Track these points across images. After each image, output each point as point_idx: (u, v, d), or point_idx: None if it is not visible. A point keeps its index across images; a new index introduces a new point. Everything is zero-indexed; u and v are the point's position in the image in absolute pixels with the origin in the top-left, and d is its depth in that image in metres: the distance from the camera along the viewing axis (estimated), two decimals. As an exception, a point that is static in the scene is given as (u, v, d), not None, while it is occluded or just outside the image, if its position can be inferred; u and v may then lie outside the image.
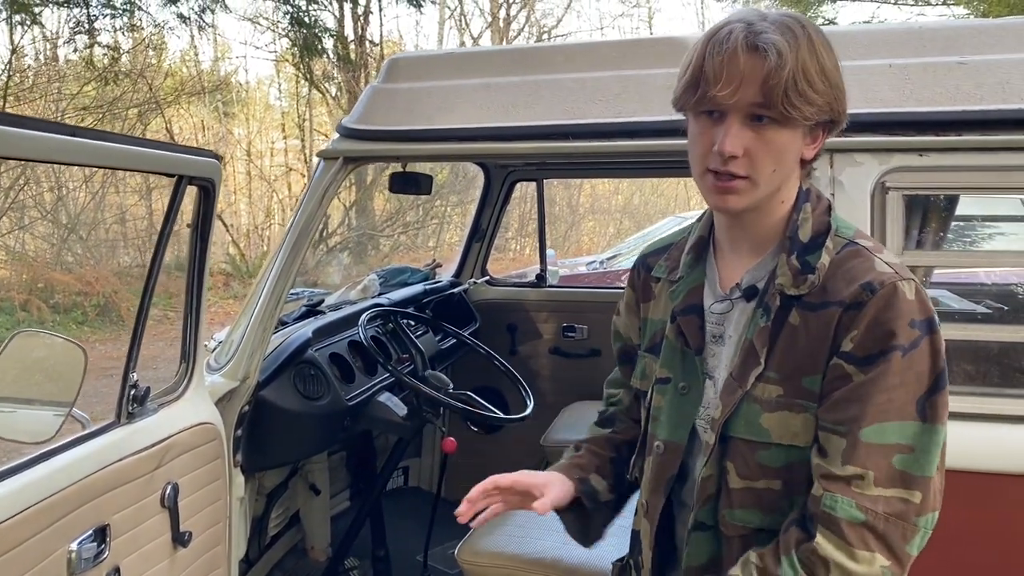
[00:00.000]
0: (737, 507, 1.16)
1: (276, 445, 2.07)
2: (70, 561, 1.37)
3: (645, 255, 1.41)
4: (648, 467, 1.28)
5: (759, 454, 1.15)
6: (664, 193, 17.78)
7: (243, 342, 1.95)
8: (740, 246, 1.23)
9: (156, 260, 1.50)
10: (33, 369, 1.52)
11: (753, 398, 1.15)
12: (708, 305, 1.25)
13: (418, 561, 2.80)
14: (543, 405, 3.25)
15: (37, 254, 10.21)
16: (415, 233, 13.55)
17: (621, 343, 1.45)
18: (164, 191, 5.13)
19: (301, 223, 1.95)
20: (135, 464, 1.53)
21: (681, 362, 1.25)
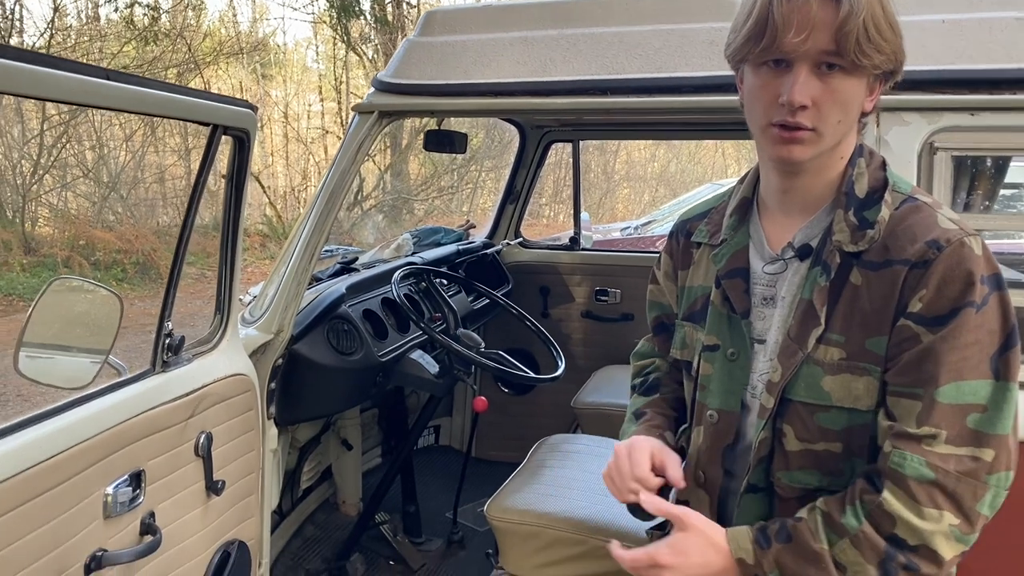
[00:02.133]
0: (795, 468, 1.15)
1: (309, 398, 2.09)
2: (106, 504, 1.39)
3: (684, 220, 1.38)
4: (700, 437, 1.26)
5: (818, 416, 1.13)
6: (701, 161, 17.55)
7: (277, 296, 1.96)
8: (791, 205, 1.20)
9: (191, 209, 1.50)
10: (70, 316, 1.54)
11: (814, 360, 1.12)
12: (756, 267, 1.22)
13: (447, 518, 2.82)
14: (574, 368, 3.25)
15: (79, 212, 10.38)
16: (449, 198, 13.54)
17: (658, 313, 1.43)
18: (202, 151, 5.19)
19: (336, 178, 1.95)
20: (169, 412, 1.55)
21: (728, 328, 1.23)
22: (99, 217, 10.34)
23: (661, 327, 1.44)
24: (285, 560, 2.53)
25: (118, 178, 10.70)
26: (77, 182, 10.53)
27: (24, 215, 9.57)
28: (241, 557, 1.82)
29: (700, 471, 1.27)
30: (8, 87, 0.98)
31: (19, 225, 9.40)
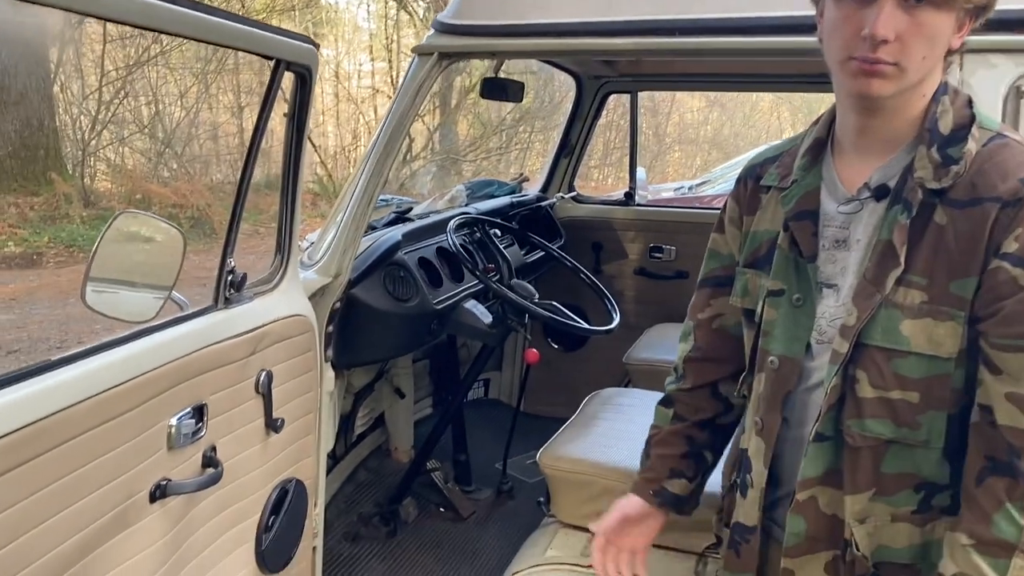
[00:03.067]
0: (868, 417, 1.11)
1: (365, 343, 2.10)
2: (170, 435, 1.41)
3: (754, 164, 1.33)
4: (761, 384, 1.23)
5: (895, 362, 1.09)
6: (755, 124, 17.18)
7: (336, 240, 1.96)
8: (869, 144, 1.14)
9: (255, 143, 1.50)
10: (135, 251, 1.56)
11: (893, 303, 1.08)
12: (828, 209, 1.17)
13: (497, 468, 2.84)
14: (626, 325, 3.21)
15: (135, 167, 10.57)
16: (497, 159, 13.48)
17: (716, 264, 1.39)
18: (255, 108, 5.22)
19: (394, 121, 1.93)
20: (231, 348, 1.56)
21: (795, 272, 1.19)
22: (155, 172, 10.53)
23: (715, 280, 1.38)
24: (338, 503, 2.57)
25: (172, 134, 10.86)
26: (133, 138, 10.73)
27: (84, 169, 9.78)
28: (298, 495, 1.85)
29: (758, 418, 1.24)
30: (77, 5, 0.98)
31: (79, 179, 9.61)
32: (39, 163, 9.40)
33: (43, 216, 8.90)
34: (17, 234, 8.43)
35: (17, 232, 8.47)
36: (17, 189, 9.10)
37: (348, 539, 2.46)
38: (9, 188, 9.06)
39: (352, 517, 2.53)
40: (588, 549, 1.93)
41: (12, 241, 8.30)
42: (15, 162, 9.22)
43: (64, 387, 1.19)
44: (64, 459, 1.19)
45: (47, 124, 9.55)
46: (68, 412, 1.19)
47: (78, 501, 1.22)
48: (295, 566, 1.89)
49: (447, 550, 2.52)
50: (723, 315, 1.37)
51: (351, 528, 2.49)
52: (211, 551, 1.61)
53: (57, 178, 9.23)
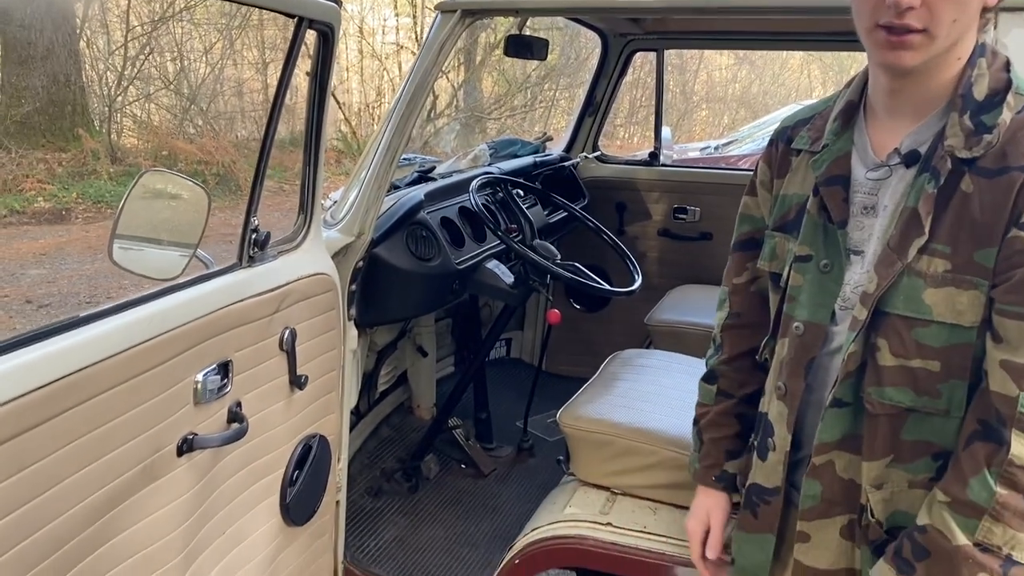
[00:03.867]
0: (887, 385, 1.10)
1: (388, 301, 2.12)
2: (196, 391, 1.44)
3: (786, 126, 1.31)
4: (784, 349, 1.23)
5: (916, 331, 1.07)
6: (785, 83, 16.85)
7: (358, 199, 1.97)
8: (901, 109, 1.12)
9: (277, 104, 1.50)
10: (160, 208, 1.57)
11: (915, 272, 1.07)
12: (858, 174, 1.16)
13: (518, 427, 2.87)
14: (648, 287, 3.21)
15: (162, 124, 10.61)
16: (522, 117, 13.37)
17: (749, 228, 1.37)
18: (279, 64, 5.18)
19: (417, 79, 1.92)
20: (255, 306, 1.58)
21: (823, 238, 1.17)
22: (180, 129, 10.57)
23: (749, 243, 1.37)
24: (361, 458, 2.61)
25: (197, 91, 10.86)
26: (159, 94, 10.75)
27: (110, 125, 9.83)
28: (322, 450, 1.88)
29: (781, 383, 1.24)
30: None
31: (106, 135, 9.67)
32: (66, 119, 9.47)
33: (71, 172, 8.99)
34: (46, 190, 8.53)
35: (46, 188, 8.57)
36: (45, 145, 9.19)
37: (371, 494, 2.51)
38: (37, 144, 9.15)
39: (375, 472, 2.58)
40: (607, 507, 1.96)
41: (41, 197, 8.41)
42: (43, 118, 9.30)
43: (92, 343, 1.22)
44: (93, 414, 1.22)
45: (74, 80, 9.60)
46: (96, 368, 1.21)
47: (107, 455, 1.25)
48: (318, 519, 1.93)
49: (467, 506, 2.56)
50: (759, 278, 1.36)
51: (374, 483, 2.54)
52: (237, 504, 1.64)
53: (84, 134, 9.30)
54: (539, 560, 1.91)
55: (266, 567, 1.78)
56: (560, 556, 1.90)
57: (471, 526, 2.46)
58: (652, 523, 1.84)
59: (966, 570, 1.02)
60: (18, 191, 8.39)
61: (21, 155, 8.80)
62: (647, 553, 1.78)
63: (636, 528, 1.84)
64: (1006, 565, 1.01)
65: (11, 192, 8.37)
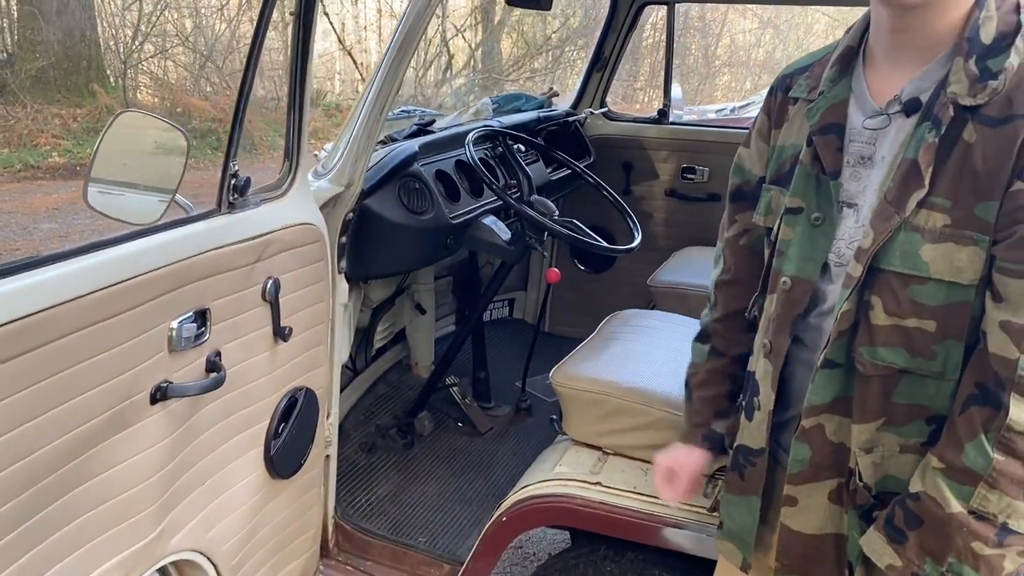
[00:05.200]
0: (880, 345, 1.06)
1: (378, 255, 2.08)
2: (171, 338, 1.41)
3: (784, 75, 1.26)
4: (771, 305, 1.20)
5: (912, 289, 1.03)
6: (809, 48, 16.52)
7: (348, 148, 1.92)
8: (902, 54, 1.06)
9: (255, 45, 1.45)
10: (137, 151, 1.54)
11: (913, 226, 1.02)
12: (856, 122, 1.11)
13: (516, 386, 2.84)
14: (654, 248, 3.16)
15: (178, 81, 10.57)
16: (542, 79, 13.20)
17: (739, 180, 1.34)
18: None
19: (409, 22, 1.85)
20: (235, 253, 1.55)
21: (815, 189, 1.12)
22: (196, 86, 10.52)
23: (738, 195, 1.34)
24: (356, 414, 2.60)
25: (213, 47, 10.79)
26: (176, 51, 10.69)
27: (125, 81, 9.80)
28: (309, 404, 1.86)
29: (767, 340, 1.19)
30: None
31: (121, 91, 9.64)
32: (81, 74, 9.44)
33: (86, 128, 8.99)
34: (61, 145, 8.54)
35: (61, 143, 8.57)
36: (61, 100, 9.18)
37: (365, 449, 2.49)
38: (53, 99, 9.14)
39: (370, 428, 2.56)
40: (597, 467, 1.93)
41: (56, 152, 8.42)
42: (58, 73, 9.28)
43: (58, 282, 1.19)
44: (60, 354, 1.19)
45: (88, 35, 9.56)
46: (63, 308, 1.18)
47: (74, 398, 1.23)
48: (305, 473, 1.92)
49: (462, 463, 2.54)
50: (748, 232, 1.32)
51: (368, 439, 2.52)
52: (218, 454, 1.63)
53: (99, 90, 9.28)
54: (527, 518, 1.89)
55: (250, 518, 1.76)
56: (548, 515, 1.87)
57: (464, 483, 2.44)
58: (642, 483, 1.81)
59: (960, 539, 0.99)
60: (33, 146, 8.40)
61: (36, 110, 8.79)
62: (636, 513, 1.75)
63: (626, 488, 1.81)
64: (1001, 534, 0.98)
65: (26, 147, 8.38)
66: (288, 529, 1.91)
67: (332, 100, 11.95)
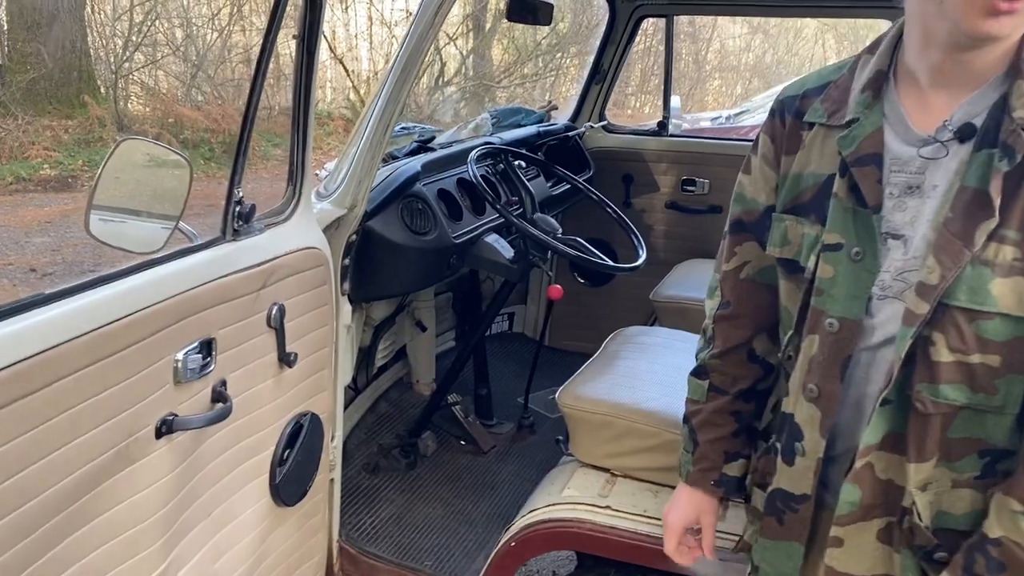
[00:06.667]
0: (943, 382, 1.00)
1: (382, 276, 2.06)
2: (176, 370, 1.39)
3: (792, 96, 1.18)
4: (814, 347, 1.11)
5: (979, 325, 0.98)
6: (799, 52, 16.58)
7: (351, 170, 1.90)
8: (952, 78, 1.01)
9: (260, 68, 1.43)
10: (140, 179, 1.51)
11: (982, 260, 0.97)
12: (896, 150, 1.05)
13: (519, 403, 2.82)
14: (655, 261, 3.13)
15: (169, 91, 10.52)
16: (532, 85, 13.20)
17: (742, 209, 1.25)
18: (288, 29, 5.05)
19: (412, 44, 1.84)
20: (240, 281, 1.52)
21: (854, 223, 1.06)
22: (187, 96, 10.48)
23: (739, 226, 1.26)
24: (359, 434, 2.57)
25: (204, 57, 10.75)
26: (167, 60, 10.64)
27: (116, 92, 9.75)
28: (314, 429, 1.83)
29: (813, 385, 1.12)
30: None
31: (112, 102, 9.59)
32: (72, 85, 9.39)
33: (77, 139, 8.94)
34: (52, 157, 8.48)
35: (52, 155, 8.52)
36: (51, 112, 9.12)
37: (368, 470, 2.47)
38: (44, 110, 9.08)
39: (372, 449, 2.53)
40: (606, 490, 1.91)
41: (47, 164, 8.36)
42: (48, 84, 9.22)
43: (63, 320, 1.16)
44: (63, 394, 1.16)
45: (79, 46, 9.51)
46: (67, 346, 1.16)
47: (79, 437, 1.20)
48: (311, 499, 1.89)
49: (466, 483, 2.51)
50: (749, 263, 1.26)
51: (371, 460, 2.49)
52: (223, 485, 1.60)
53: (90, 101, 9.23)
54: (536, 543, 1.86)
55: (256, 548, 1.73)
56: (557, 539, 1.85)
57: (469, 504, 2.42)
58: (652, 507, 1.79)
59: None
60: (24, 158, 8.35)
61: (27, 122, 8.73)
62: (647, 538, 1.73)
63: (636, 512, 1.79)
64: None
65: (17, 159, 8.32)
66: (294, 556, 1.89)
67: (323, 108, 11.91)
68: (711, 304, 1.32)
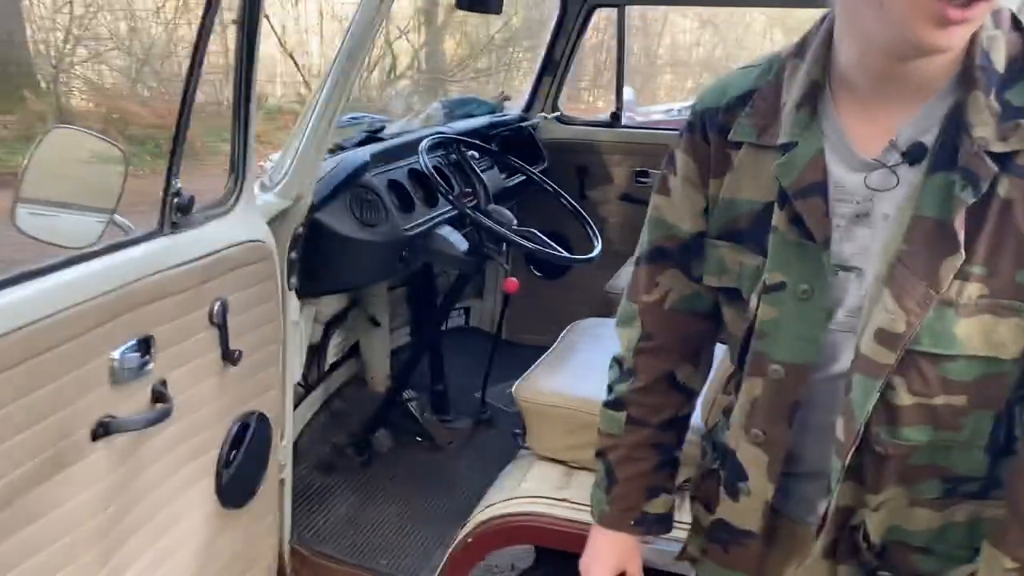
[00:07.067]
0: (904, 425, 0.92)
1: (331, 270, 2.00)
2: (112, 369, 1.32)
3: (712, 108, 1.02)
4: (757, 389, 1.00)
5: (943, 367, 0.89)
6: (747, 46, 16.77)
7: (296, 160, 1.84)
8: (898, 88, 0.89)
9: (197, 55, 1.37)
10: (71, 170, 1.44)
11: (945, 300, 0.86)
12: (840, 176, 0.92)
13: (475, 398, 2.78)
14: (610, 253, 3.11)
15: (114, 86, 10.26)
16: (486, 80, 13.15)
17: (661, 234, 1.09)
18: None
19: (357, 32, 1.79)
20: (180, 276, 1.46)
21: (798, 259, 0.93)
22: (133, 91, 10.22)
23: (659, 254, 1.10)
24: (311, 433, 2.51)
25: (149, 51, 10.50)
26: (111, 54, 10.37)
27: (57, 86, 9.47)
28: (261, 429, 1.78)
29: (758, 431, 1.01)
30: None
31: (53, 96, 9.31)
32: (10, 80, 9.09)
33: (17, 135, 8.66)
34: (-10, 154, 8.21)
35: (-10, 152, 8.25)
36: (-12, 107, 8.84)
37: (321, 470, 2.41)
38: (-21, 106, 8.80)
39: (325, 447, 2.48)
40: (564, 482, 1.89)
41: (-15, 161, 8.09)
42: (-16, 78, 8.94)
43: (-15, 319, 1.10)
44: (-12, 397, 1.10)
45: (16, 38, 9.21)
46: (-9, 346, 1.09)
47: (8, 440, 1.13)
48: (259, 500, 1.83)
49: (423, 480, 2.47)
50: (671, 291, 1.11)
51: (324, 458, 2.44)
52: (166, 488, 1.54)
53: (30, 95, 8.95)
54: (493, 538, 1.83)
55: (202, 553, 1.67)
56: (515, 534, 1.83)
57: (426, 502, 2.38)
58: (610, 499, 1.77)
59: None
60: (-40, 155, 8.07)
61: (-38, 118, 8.46)
62: (604, 530, 1.70)
63: (593, 504, 1.77)
64: None
65: (-48, 156, 8.04)
66: (243, 560, 1.83)
67: (274, 103, 11.72)
68: (628, 334, 1.16)
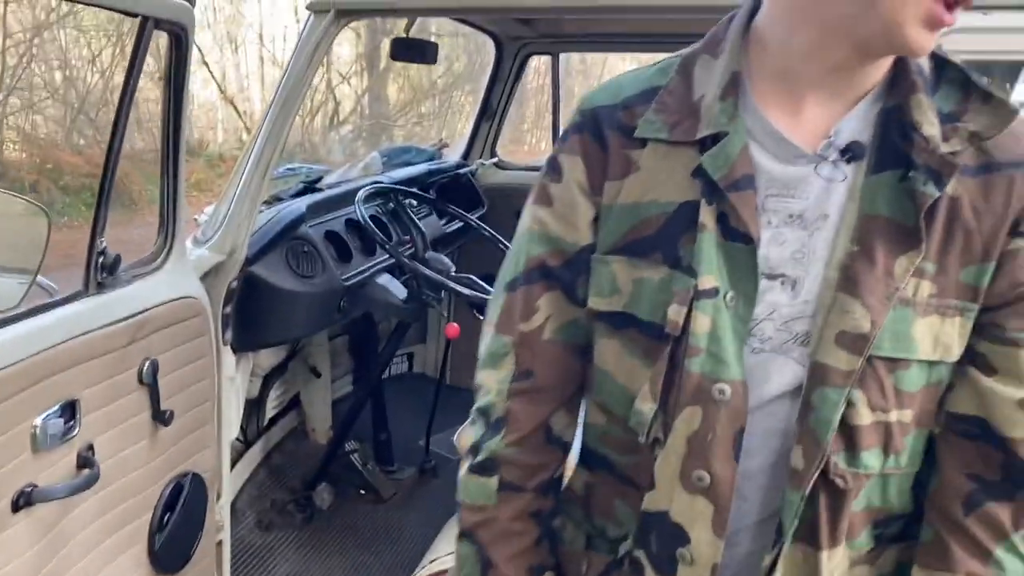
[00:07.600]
0: (864, 449, 0.82)
1: (268, 323, 1.97)
2: (35, 436, 1.28)
3: (611, 106, 0.91)
4: (696, 423, 0.84)
5: (898, 375, 0.82)
6: (688, 87, 17.23)
7: (230, 214, 1.82)
8: (844, 86, 0.85)
9: (121, 113, 1.35)
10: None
11: (903, 299, 0.81)
12: (770, 170, 0.85)
13: (420, 446, 2.75)
14: (552, 295, 3.14)
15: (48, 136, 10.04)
16: (430, 124, 13.22)
17: (547, 248, 0.93)
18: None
19: (289, 85, 1.79)
20: (106, 337, 1.43)
21: (726, 261, 0.84)
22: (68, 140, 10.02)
23: (542, 273, 0.93)
24: (250, 490, 2.45)
25: (85, 99, 10.33)
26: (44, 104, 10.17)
27: (-13, 138, 9.25)
28: (196, 490, 1.73)
29: (703, 472, 0.84)
30: None
31: (-17, 148, 9.09)
32: (-62, 131, 8.86)
33: (-55, 190, 8.41)
34: (-84, 208, 7.95)
35: (-84, 205, 7.98)
36: (-85, 159, 8.57)
37: (261, 528, 2.35)
38: (-94, 158, 8.52)
39: (265, 505, 2.42)
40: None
41: (-89, 215, 7.82)
42: (-90, 130, 8.67)
43: None
44: None
45: (-55, 89, 8.99)
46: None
47: (-83, 518, 1.09)
48: (196, 564, 1.78)
49: (367, 534, 2.42)
50: (551, 318, 0.94)
51: (263, 517, 2.38)
52: (96, 556, 1.48)
53: (-41, 147, 8.71)
54: (439, 593, 1.80)
55: (135, 622, 1.61)
56: (460, 588, 1.79)
57: (370, 556, 2.33)
58: (555, 547, 1.76)
59: None
60: None
61: None
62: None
63: (538, 553, 1.75)
64: None
65: None
66: (179, 627, 1.76)
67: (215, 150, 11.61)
68: (497, 376, 0.95)
